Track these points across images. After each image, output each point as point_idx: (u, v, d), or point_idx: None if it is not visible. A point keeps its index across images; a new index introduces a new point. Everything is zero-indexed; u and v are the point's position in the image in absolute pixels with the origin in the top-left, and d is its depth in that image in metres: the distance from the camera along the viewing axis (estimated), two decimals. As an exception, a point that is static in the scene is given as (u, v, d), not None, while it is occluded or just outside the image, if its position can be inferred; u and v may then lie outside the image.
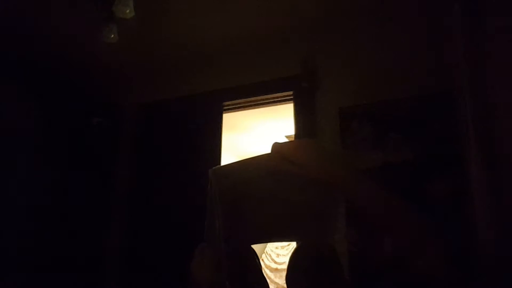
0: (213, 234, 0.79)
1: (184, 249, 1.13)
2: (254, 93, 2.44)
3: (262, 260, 4.15)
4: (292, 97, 2.33)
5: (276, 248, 4.20)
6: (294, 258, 1.25)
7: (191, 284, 0.88)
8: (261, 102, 2.48)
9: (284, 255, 4.06)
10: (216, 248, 0.79)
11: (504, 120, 1.38)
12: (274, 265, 4.10)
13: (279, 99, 2.42)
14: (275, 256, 4.17)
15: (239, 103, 2.53)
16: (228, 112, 2.55)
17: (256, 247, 1.25)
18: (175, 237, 2.34)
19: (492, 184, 1.36)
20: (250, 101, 2.50)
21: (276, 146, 0.76)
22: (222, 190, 0.77)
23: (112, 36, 1.97)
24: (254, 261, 1.16)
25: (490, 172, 1.37)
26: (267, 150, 0.83)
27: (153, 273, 2.36)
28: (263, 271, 1.34)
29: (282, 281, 3.86)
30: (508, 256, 1.24)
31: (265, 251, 4.24)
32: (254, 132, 3.80)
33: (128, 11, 1.85)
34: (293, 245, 3.92)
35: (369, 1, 2.08)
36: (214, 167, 0.80)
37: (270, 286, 1.24)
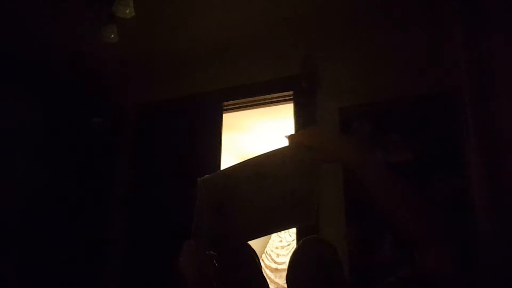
0: (200, 234, 0.84)
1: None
2: (254, 93, 2.44)
3: (262, 260, 4.14)
4: (292, 97, 2.32)
5: (276, 248, 4.20)
6: (295, 258, 1.25)
7: (179, 281, 0.88)
8: (261, 102, 2.47)
9: (284, 255, 4.05)
10: (203, 247, 0.84)
11: (504, 120, 1.38)
12: (274, 265, 4.09)
13: (279, 99, 2.42)
14: (275, 256, 4.16)
15: (239, 103, 2.53)
16: (228, 112, 2.55)
17: (256, 247, 1.25)
18: (175, 237, 2.33)
19: (492, 184, 1.36)
20: (250, 101, 2.50)
21: (293, 137, 0.82)
22: (209, 196, 0.83)
23: (112, 36, 1.97)
24: (247, 259, 1.16)
25: (490, 172, 1.37)
26: (267, 150, 0.84)
27: (153, 274, 2.35)
28: (263, 271, 1.34)
29: (282, 281, 3.86)
30: (508, 256, 1.24)
31: (265, 251, 4.24)
32: (254, 132, 3.80)
33: (128, 11, 1.85)
34: (293, 245, 3.92)
35: (369, 2, 2.08)
36: (202, 177, 0.86)
37: (270, 286, 1.24)
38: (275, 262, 4.12)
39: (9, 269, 2.13)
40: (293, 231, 3.56)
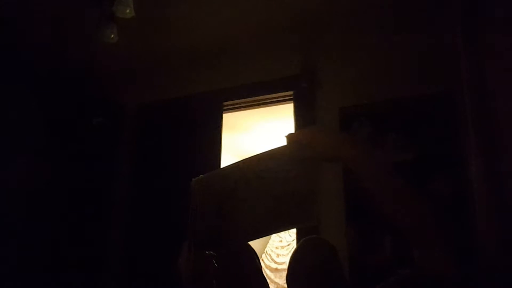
0: (196, 235, 0.84)
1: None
2: (254, 93, 2.44)
3: (262, 260, 4.14)
4: (292, 97, 2.32)
5: (276, 248, 4.20)
6: (295, 258, 1.25)
7: (179, 282, 0.89)
8: (261, 102, 2.47)
9: (284, 255, 4.05)
10: (199, 248, 0.84)
11: (504, 120, 1.38)
12: (274, 265, 4.09)
13: (279, 99, 2.41)
14: (275, 256, 4.16)
15: (239, 103, 2.52)
16: (228, 112, 2.55)
17: (256, 247, 1.25)
18: (175, 237, 2.33)
19: (492, 184, 1.36)
20: (250, 101, 2.49)
21: (292, 136, 0.81)
22: (206, 197, 0.83)
23: (112, 36, 1.97)
24: (247, 259, 1.16)
25: (490, 172, 1.37)
26: (267, 149, 0.84)
27: (153, 274, 2.35)
28: (263, 271, 1.34)
29: (282, 281, 3.86)
30: (508, 256, 1.24)
31: (265, 251, 4.23)
32: (254, 132, 3.80)
33: (128, 11, 1.85)
34: (293, 245, 3.91)
35: (369, 1, 2.08)
36: (195, 178, 0.86)
37: (270, 286, 1.24)
38: (275, 262, 4.11)
39: (8, 270, 2.13)
40: (293, 231, 3.56)
